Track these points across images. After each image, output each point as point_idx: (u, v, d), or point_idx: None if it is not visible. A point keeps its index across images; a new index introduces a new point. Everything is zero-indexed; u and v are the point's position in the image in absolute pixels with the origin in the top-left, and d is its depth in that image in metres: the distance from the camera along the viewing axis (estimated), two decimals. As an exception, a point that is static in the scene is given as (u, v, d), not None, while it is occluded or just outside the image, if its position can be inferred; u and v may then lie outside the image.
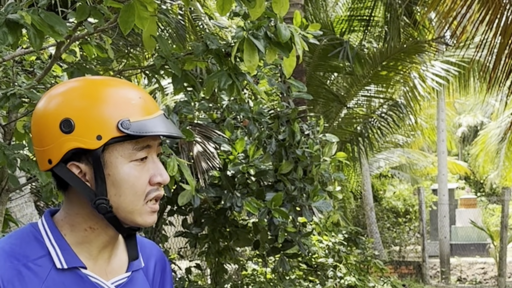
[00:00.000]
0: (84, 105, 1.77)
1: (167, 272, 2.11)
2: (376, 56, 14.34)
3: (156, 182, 1.84)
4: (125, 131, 1.75)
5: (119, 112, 1.77)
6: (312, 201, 7.01)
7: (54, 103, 1.80)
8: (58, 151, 1.78)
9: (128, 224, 1.86)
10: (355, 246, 9.52)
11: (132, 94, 1.83)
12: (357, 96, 15.47)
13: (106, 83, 1.87)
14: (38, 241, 1.84)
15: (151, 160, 1.85)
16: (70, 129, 1.76)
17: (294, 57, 4.01)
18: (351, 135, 15.17)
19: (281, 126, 7.13)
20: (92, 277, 1.86)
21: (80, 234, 1.86)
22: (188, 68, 4.05)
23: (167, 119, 1.86)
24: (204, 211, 7.19)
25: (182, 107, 6.25)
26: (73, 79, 1.92)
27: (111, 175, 1.79)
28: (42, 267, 1.81)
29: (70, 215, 1.87)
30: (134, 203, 1.82)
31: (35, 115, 1.84)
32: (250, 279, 8.11)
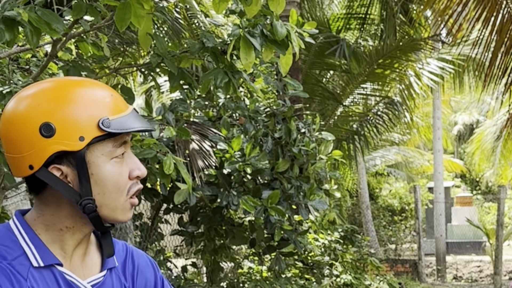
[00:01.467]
0: (62, 107, 1.76)
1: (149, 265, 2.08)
2: (372, 54, 14.34)
3: (135, 176, 1.84)
4: (106, 129, 1.75)
5: (97, 112, 1.77)
6: (309, 200, 7.01)
7: (28, 107, 1.78)
8: (40, 156, 1.76)
9: (109, 221, 1.85)
10: (351, 244, 9.52)
11: (103, 93, 1.83)
12: (353, 94, 15.46)
13: (76, 83, 1.86)
14: (12, 241, 1.83)
15: (128, 155, 1.85)
16: (51, 133, 1.74)
17: (291, 55, 4.00)
18: (347, 133, 15.16)
19: (277, 124, 7.13)
20: (67, 275, 1.85)
21: (55, 233, 1.85)
22: (184, 66, 4.04)
23: (137, 113, 1.88)
24: (200, 210, 7.19)
25: (178, 105, 6.24)
26: (41, 81, 1.90)
27: (94, 174, 1.79)
28: (21, 266, 1.80)
29: (44, 215, 1.85)
30: (117, 200, 1.82)
31: (6, 120, 1.80)
32: (246, 277, 8.11)
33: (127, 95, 3.92)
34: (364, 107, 15.70)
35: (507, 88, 8.97)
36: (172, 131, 5.43)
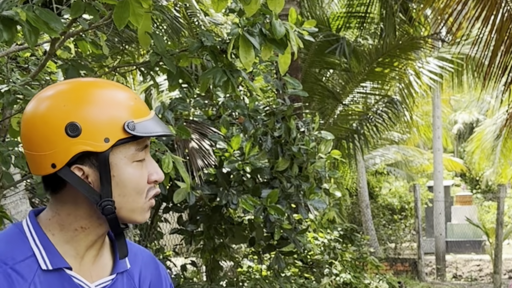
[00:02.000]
0: (88, 108, 1.77)
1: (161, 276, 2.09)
2: (372, 52, 14.33)
3: (153, 180, 1.86)
4: (131, 132, 1.77)
5: (122, 114, 1.79)
6: (308, 199, 7.01)
7: (53, 106, 1.79)
8: (64, 155, 1.76)
9: (126, 222, 1.86)
10: (350, 243, 9.52)
11: (128, 96, 1.85)
12: (353, 93, 15.44)
13: (102, 85, 1.87)
14: (23, 242, 1.83)
15: (148, 159, 1.87)
16: (77, 132, 1.75)
17: (289, 54, 4.00)
18: (346, 132, 15.15)
19: (276, 123, 7.12)
20: (76, 278, 1.85)
21: (69, 233, 1.85)
22: (183, 64, 4.04)
23: (158, 118, 1.88)
24: (199, 208, 7.18)
25: (177, 104, 6.23)
26: (60, 82, 1.91)
27: (115, 176, 1.80)
28: (28, 268, 1.80)
29: (60, 215, 1.85)
30: (136, 202, 1.84)
31: (30, 119, 1.81)
32: (246, 276, 8.11)
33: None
34: (363, 106, 15.69)
35: (507, 87, 8.97)
36: (171, 130, 5.42)
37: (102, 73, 4.12)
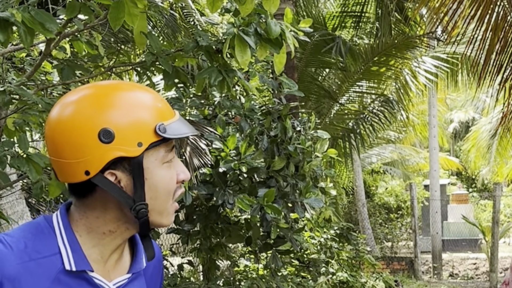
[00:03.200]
0: (120, 112, 1.77)
1: (161, 271, 2.14)
2: (368, 52, 14.35)
3: (181, 179, 1.87)
4: (163, 135, 1.78)
5: (154, 117, 1.79)
6: (304, 198, 7.00)
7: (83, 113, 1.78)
8: (98, 162, 1.76)
9: (155, 226, 1.87)
10: (347, 242, 9.53)
11: (155, 98, 1.85)
12: (349, 92, 15.46)
13: (126, 88, 1.87)
14: (51, 237, 1.84)
15: (175, 159, 1.88)
16: (110, 139, 1.75)
17: (284, 54, 4.00)
18: (342, 131, 15.16)
19: (272, 122, 7.11)
20: (97, 279, 1.86)
21: (96, 236, 1.86)
22: (179, 64, 4.03)
23: (183, 118, 1.94)
24: (196, 208, 7.17)
25: (173, 103, 6.24)
26: (85, 86, 1.89)
27: (148, 179, 1.80)
28: (52, 265, 1.81)
29: (88, 218, 1.86)
30: (165, 204, 1.85)
31: (58, 125, 1.80)
32: (242, 275, 8.10)
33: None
34: (360, 105, 15.70)
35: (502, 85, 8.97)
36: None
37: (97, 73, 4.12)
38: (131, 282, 1.94)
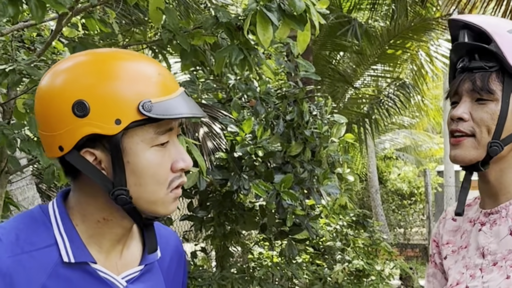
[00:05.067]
0: (99, 84, 1.56)
1: (182, 263, 1.94)
2: (383, 34, 14.17)
3: (179, 168, 1.65)
4: (147, 114, 1.56)
5: (138, 92, 1.57)
6: (322, 184, 6.87)
7: (63, 81, 1.58)
8: (71, 138, 1.57)
9: (148, 214, 1.67)
10: (363, 229, 9.38)
11: (151, 70, 1.63)
12: (364, 76, 15.31)
13: (121, 57, 1.65)
14: (46, 227, 1.66)
15: (172, 143, 1.66)
16: (85, 112, 1.54)
17: (309, 31, 3.82)
18: (357, 116, 15.01)
19: (288, 106, 6.96)
20: (101, 271, 1.67)
21: (91, 225, 1.67)
22: (197, 43, 3.86)
23: (188, 96, 1.66)
24: (210, 194, 7.05)
25: (186, 86, 6.09)
26: (83, 53, 1.69)
27: (130, 162, 1.60)
28: (47, 258, 1.62)
29: (81, 203, 1.67)
30: (157, 193, 1.63)
31: (40, 95, 1.62)
32: (257, 263, 7.98)
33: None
34: (375, 89, 15.54)
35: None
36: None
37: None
38: (144, 275, 1.76)
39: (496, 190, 2.12)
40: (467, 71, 2.08)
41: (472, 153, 2.05)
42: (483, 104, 2.04)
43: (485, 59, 2.05)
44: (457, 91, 2.10)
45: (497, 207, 2.12)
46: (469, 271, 2.13)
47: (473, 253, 2.15)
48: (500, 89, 2.03)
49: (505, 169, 2.10)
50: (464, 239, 2.22)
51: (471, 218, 2.23)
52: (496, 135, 2.03)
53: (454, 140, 2.08)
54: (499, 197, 2.12)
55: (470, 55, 2.08)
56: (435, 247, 2.33)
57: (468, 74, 2.07)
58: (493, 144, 2.03)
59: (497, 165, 2.09)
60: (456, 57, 2.13)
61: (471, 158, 2.06)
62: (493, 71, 2.04)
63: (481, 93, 2.04)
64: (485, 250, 2.11)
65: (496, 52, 2.02)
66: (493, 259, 2.08)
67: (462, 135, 2.06)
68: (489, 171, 2.10)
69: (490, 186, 2.13)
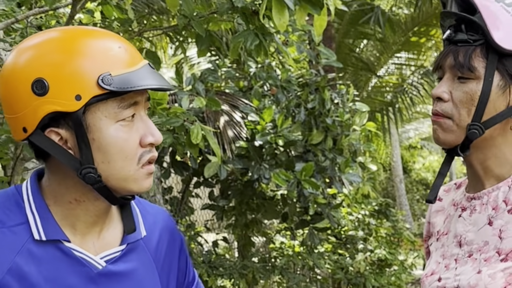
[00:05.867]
0: (57, 60, 1.52)
1: (176, 240, 1.87)
2: (407, 22, 14.06)
3: (148, 143, 1.61)
4: (107, 87, 1.51)
5: (97, 66, 1.52)
6: (343, 173, 6.82)
7: (23, 59, 1.55)
8: (33, 117, 1.53)
9: (122, 193, 1.62)
10: (385, 218, 9.31)
11: (110, 43, 1.58)
12: (387, 64, 15.20)
13: (80, 33, 1.61)
14: (19, 206, 1.61)
15: (139, 118, 1.61)
16: (44, 90, 1.50)
17: (325, 16, 3.74)
18: (380, 104, 14.91)
19: (310, 94, 6.92)
20: (76, 251, 1.62)
21: (64, 206, 1.62)
22: (213, 28, 3.82)
23: (152, 69, 1.62)
24: (231, 183, 7.03)
25: (208, 75, 6.07)
26: (46, 30, 1.65)
27: (96, 139, 1.55)
28: (18, 235, 1.58)
29: (52, 185, 1.63)
30: (126, 169, 1.59)
31: (2, 74, 1.58)
32: (278, 253, 7.95)
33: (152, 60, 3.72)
34: (398, 78, 15.43)
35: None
36: (202, 101, 5.25)
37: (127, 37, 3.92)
38: (127, 255, 1.70)
39: (480, 175, 1.95)
40: (453, 43, 1.90)
41: (450, 136, 1.89)
42: (463, 83, 1.87)
43: (471, 32, 1.87)
44: (440, 65, 1.94)
45: (479, 192, 1.95)
46: (445, 260, 1.98)
47: (451, 241, 2.00)
48: (483, 66, 1.85)
49: (488, 153, 1.92)
50: (446, 224, 2.06)
51: (455, 201, 2.06)
52: (476, 117, 1.86)
53: (433, 117, 1.92)
54: (483, 182, 1.95)
55: (457, 26, 1.90)
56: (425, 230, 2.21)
57: (452, 47, 1.89)
58: (472, 127, 1.86)
59: (479, 149, 1.91)
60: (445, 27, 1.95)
61: (450, 141, 1.90)
62: (477, 45, 1.86)
63: (461, 70, 1.86)
64: (462, 239, 1.95)
65: (480, 24, 1.84)
66: (469, 249, 1.93)
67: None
68: (471, 155, 1.92)
69: (473, 170, 1.95)
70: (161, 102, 3.86)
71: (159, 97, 3.83)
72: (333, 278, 8.37)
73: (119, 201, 1.65)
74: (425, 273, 2.03)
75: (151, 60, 3.73)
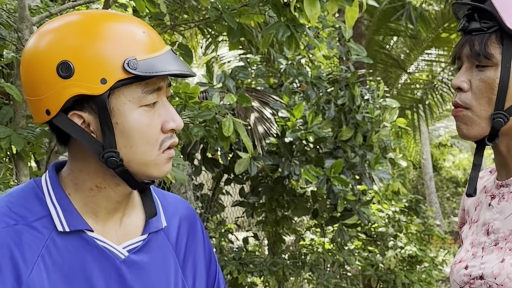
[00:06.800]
0: (83, 43, 1.52)
1: (197, 231, 1.86)
2: (438, 18, 13.95)
3: (169, 128, 1.61)
4: (132, 71, 1.51)
5: (123, 50, 1.53)
6: (373, 169, 6.81)
7: (47, 42, 1.55)
8: (57, 100, 1.53)
9: (142, 177, 1.62)
10: (415, 215, 9.27)
11: (135, 28, 1.58)
12: (417, 61, 15.09)
13: (106, 17, 1.61)
14: (39, 199, 1.62)
15: (162, 104, 1.61)
16: (69, 73, 1.51)
17: (357, 7, 3.75)
18: (410, 101, 14.83)
19: (340, 90, 6.91)
20: (99, 240, 1.63)
21: (85, 193, 1.63)
22: (245, 21, 3.83)
23: (175, 55, 1.62)
24: (261, 180, 7.04)
25: (238, 72, 6.08)
26: (69, 13, 1.65)
27: (119, 123, 1.56)
28: (42, 229, 1.58)
29: (73, 171, 1.63)
30: (148, 154, 1.59)
31: (24, 58, 1.59)
32: (308, 249, 7.94)
33: (184, 52, 3.74)
34: (429, 74, 15.32)
35: None
36: (232, 98, 5.26)
37: (159, 31, 3.94)
38: (148, 245, 1.70)
39: (508, 162, 1.92)
40: (467, 33, 1.89)
41: (474, 129, 1.88)
42: (481, 71, 1.86)
43: (484, 19, 1.85)
44: (459, 56, 1.92)
45: (508, 179, 1.93)
46: (473, 248, 1.97)
47: (480, 229, 1.98)
48: (499, 52, 1.84)
49: None
50: (477, 211, 2.04)
51: (486, 188, 2.03)
52: (498, 105, 1.84)
53: (453, 111, 1.91)
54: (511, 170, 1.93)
55: (470, 15, 1.89)
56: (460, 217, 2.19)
57: (468, 37, 1.88)
58: (496, 116, 1.84)
59: (507, 136, 1.89)
60: (460, 17, 1.94)
61: (475, 134, 1.88)
62: (492, 32, 1.84)
63: (478, 59, 1.85)
64: (490, 227, 1.93)
65: (491, 11, 1.83)
66: (495, 238, 1.91)
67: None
68: (499, 143, 1.90)
69: (502, 158, 1.93)
70: (193, 96, 3.88)
71: (191, 91, 3.85)
72: (363, 274, 8.35)
73: (139, 185, 1.65)
74: (454, 261, 2.02)
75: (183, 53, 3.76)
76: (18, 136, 3.36)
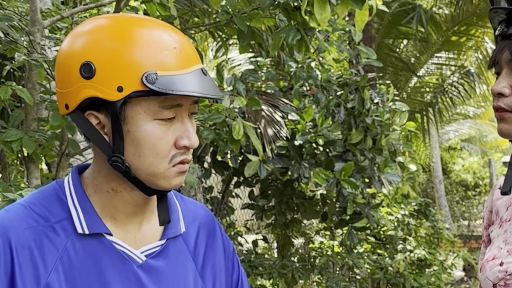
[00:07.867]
0: (109, 48, 1.53)
1: (217, 237, 1.86)
2: (448, 21, 13.93)
3: (182, 145, 1.60)
4: (149, 85, 1.50)
5: (146, 62, 1.52)
6: (382, 172, 6.80)
7: (76, 42, 1.58)
8: (75, 97, 1.56)
9: (152, 186, 1.63)
10: (425, 218, 9.27)
11: (167, 41, 1.56)
12: (427, 64, 15.07)
13: (139, 23, 1.60)
14: (61, 201, 1.64)
15: (180, 120, 1.60)
16: (90, 74, 1.53)
17: (367, 11, 3.75)
18: (420, 105, 14.81)
19: (349, 94, 6.91)
20: (117, 244, 1.64)
21: (103, 196, 1.65)
22: (255, 25, 3.84)
23: (205, 75, 1.59)
24: (271, 183, 7.04)
25: (248, 75, 6.09)
26: (103, 16, 1.66)
27: (131, 132, 1.57)
28: (62, 231, 1.60)
29: (94, 172, 1.66)
30: (156, 166, 1.59)
31: (59, 53, 1.63)
32: (317, 252, 7.95)
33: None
34: (438, 78, 15.31)
35: None
36: (242, 101, 5.27)
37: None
38: (166, 250, 1.71)
39: None
40: (506, 38, 1.89)
41: None
42: None
43: None
44: (497, 61, 1.93)
45: None
46: (507, 246, 2.00)
47: None
48: None
49: None
50: (509, 211, 2.08)
51: None
52: None
53: (497, 114, 1.92)
54: None
55: (508, 21, 1.88)
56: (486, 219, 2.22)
57: (506, 42, 1.88)
58: None
59: None
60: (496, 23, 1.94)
61: None
62: None
63: None
64: None
65: None
66: None
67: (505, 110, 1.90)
68: None
69: None
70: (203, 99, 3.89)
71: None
72: (372, 278, 8.36)
73: (153, 192, 1.65)
74: (486, 258, 2.06)
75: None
76: (29, 138, 3.38)
